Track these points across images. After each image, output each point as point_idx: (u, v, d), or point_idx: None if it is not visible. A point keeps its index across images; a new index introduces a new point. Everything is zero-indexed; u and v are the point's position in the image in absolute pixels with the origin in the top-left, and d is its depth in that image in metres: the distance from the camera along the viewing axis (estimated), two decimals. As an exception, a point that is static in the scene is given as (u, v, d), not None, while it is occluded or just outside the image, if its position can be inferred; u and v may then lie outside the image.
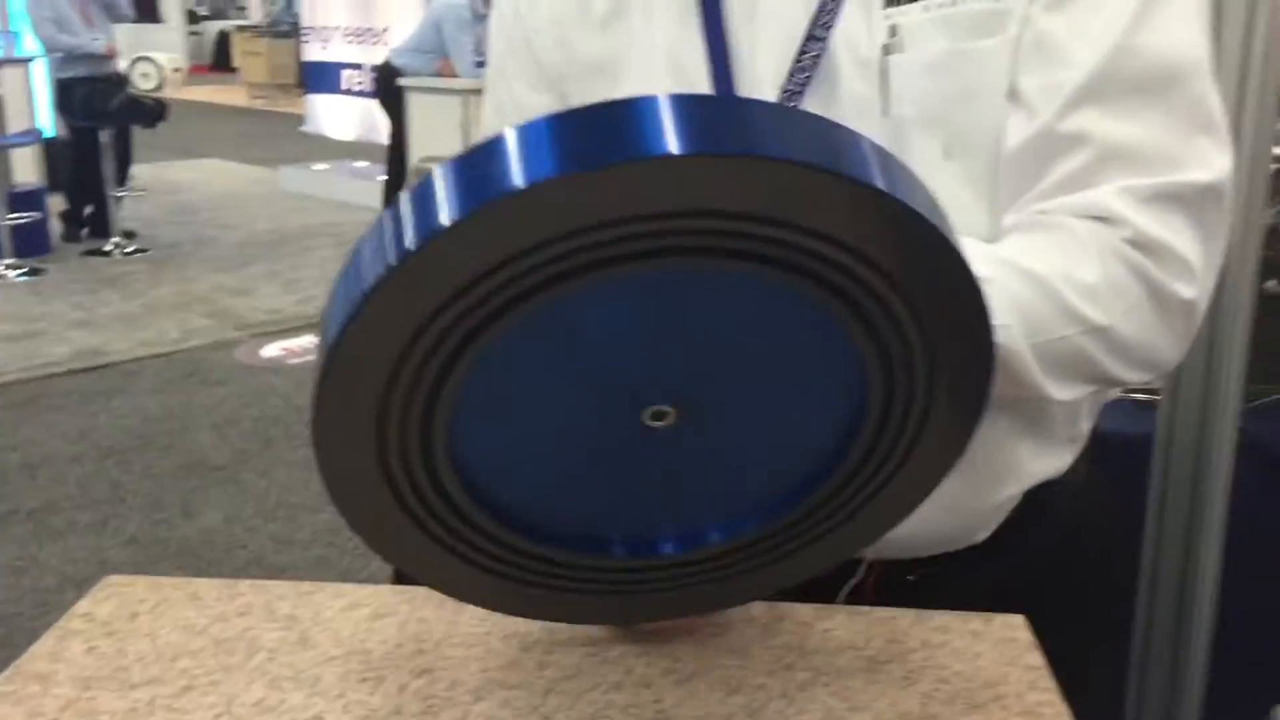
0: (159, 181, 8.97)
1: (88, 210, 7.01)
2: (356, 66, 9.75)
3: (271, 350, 5.08)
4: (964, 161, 0.80)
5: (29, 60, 7.44)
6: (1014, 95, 0.78)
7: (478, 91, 6.06)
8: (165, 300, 5.88)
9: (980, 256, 0.73)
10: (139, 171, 7.76)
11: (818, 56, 0.80)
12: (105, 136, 6.67)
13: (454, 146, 6.01)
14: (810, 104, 0.81)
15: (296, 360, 4.92)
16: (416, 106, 6.35)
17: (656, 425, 0.60)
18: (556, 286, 0.53)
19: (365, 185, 7.98)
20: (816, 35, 0.81)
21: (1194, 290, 0.76)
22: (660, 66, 0.87)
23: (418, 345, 0.55)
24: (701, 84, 0.85)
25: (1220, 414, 1.38)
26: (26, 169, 6.99)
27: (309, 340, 5.18)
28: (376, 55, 7.70)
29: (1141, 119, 0.75)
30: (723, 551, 0.68)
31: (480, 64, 6.12)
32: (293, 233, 7.47)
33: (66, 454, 3.93)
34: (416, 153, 6.31)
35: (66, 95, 6.76)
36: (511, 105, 0.97)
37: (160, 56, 7.59)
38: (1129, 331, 0.75)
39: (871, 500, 0.66)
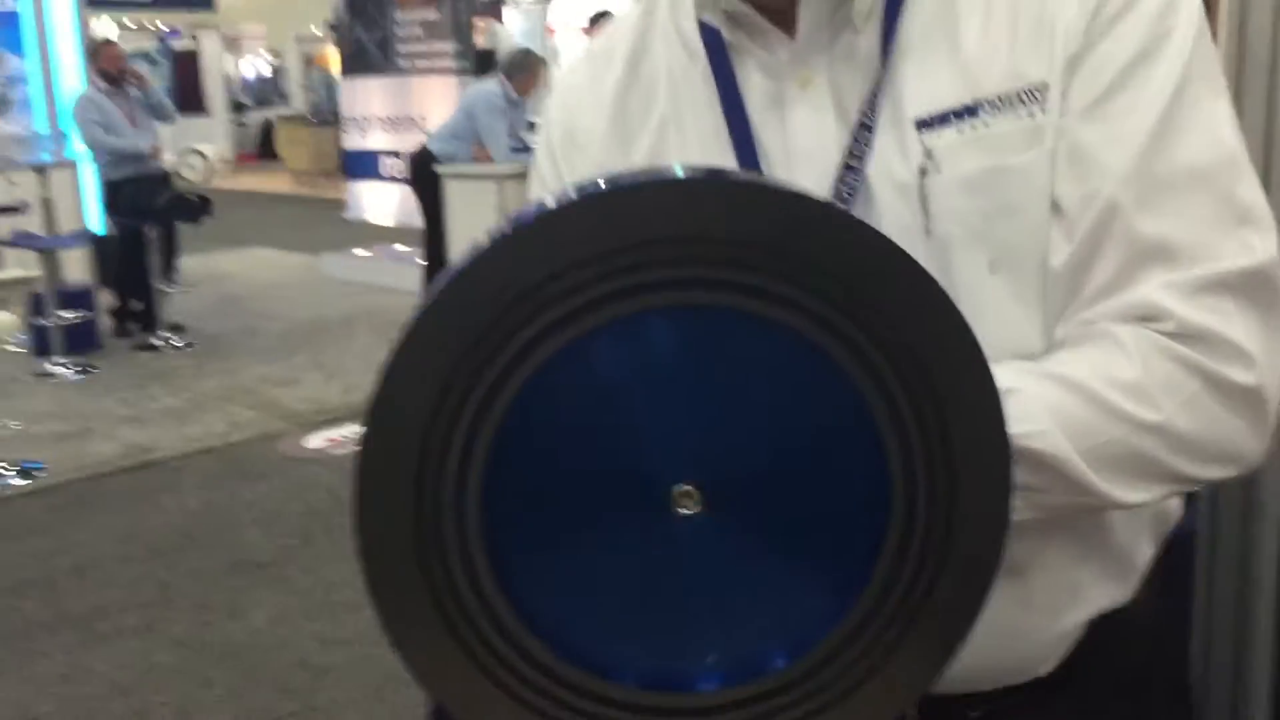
0: (205, 272, 9.14)
1: (136, 306, 7.15)
2: (394, 154, 9.94)
3: (315, 441, 5.11)
4: (1010, 275, 0.79)
5: (75, 161, 7.65)
6: (1055, 207, 0.78)
7: (513, 176, 6.16)
8: (211, 393, 5.96)
9: (1010, 371, 0.74)
10: (187, 264, 7.93)
11: (855, 186, 0.81)
12: (153, 233, 6.81)
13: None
14: None
15: (340, 451, 4.95)
16: (454, 193, 6.45)
17: (684, 511, 0.61)
18: (578, 320, 0.59)
19: (406, 269, 8.07)
20: (852, 166, 0.81)
21: (1253, 375, 0.74)
22: None
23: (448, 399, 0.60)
24: None
25: (1265, 503, 1.34)
26: (77, 268, 7.15)
27: (352, 430, 5.22)
28: (413, 142, 7.84)
29: (1175, 216, 0.75)
30: (757, 694, 0.66)
31: (516, 149, 6.22)
32: (335, 320, 7.57)
33: (114, 555, 3.96)
34: (455, 237, 6.39)
35: (114, 194, 6.94)
36: None
37: (207, 148, 7.80)
38: (1190, 426, 0.74)
39: (904, 638, 0.64)
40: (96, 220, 7.64)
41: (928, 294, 0.62)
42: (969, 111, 0.80)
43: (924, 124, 0.81)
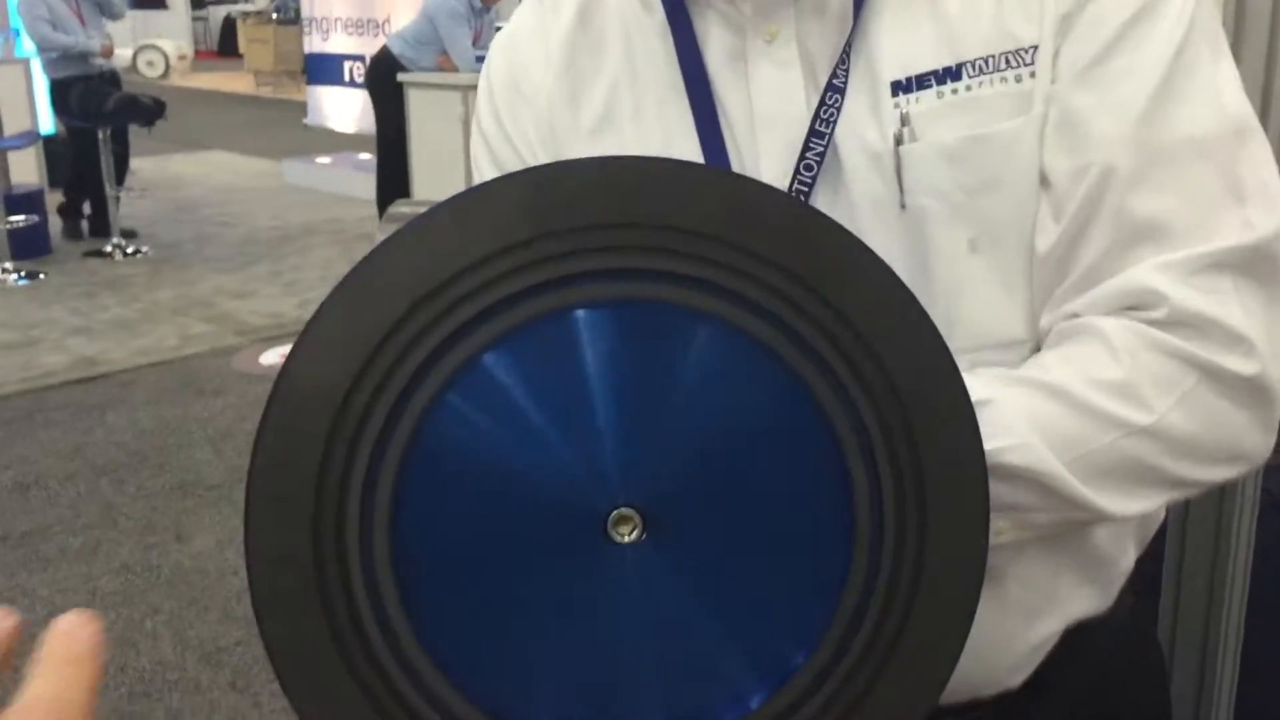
0: (161, 176, 8.91)
1: (87, 210, 6.94)
2: (358, 58, 9.65)
3: (271, 357, 5.01)
4: (993, 255, 0.72)
5: (27, 60, 7.36)
6: (1044, 180, 0.71)
7: (477, 87, 6.00)
8: (164, 304, 5.82)
9: (984, 379, 0.67)
10: (140, 166, 7.70)
11: (822, 154, 0.74)
12: (102, 135, 6.59)
13: (455, 142, 5.91)
14: (819, 202, 0.74)
15: (295, 368, 4.85)
16: (417, 103, 6.25)
17: (622, 538, 0.54)
18: (493, 319, 0.53)
19: (368, 178, 7.88)
20: (819, 131, 0.74)
21: (1254, 364, 0.67)
22: None
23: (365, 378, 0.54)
24: None
25: (1238, 494, 1.29)
26: (25, 170, 6.92)
27: (308, 346, 5.11)
28: (377, 46, 7.59)
29: (1172, 191, 0.68)
30: None
31: (480, 58, 6.01)
32: (295, 230, 7.39)
33: (59, 472, 3.87)
34: (417, 150, 6.21)
35: (61, 95, 6.68)
36: None
37: (166, 44, 7.51)
38: (1188, 426, 0.67)
39: (874, 687, 0.57)
40: (47, 120, 7.39)
41: (891, 293, 0.56)
42: (950, 74, 0.72)
43: (900, 86, 0.73)
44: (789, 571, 0.56)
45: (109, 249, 6.71)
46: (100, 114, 6.51)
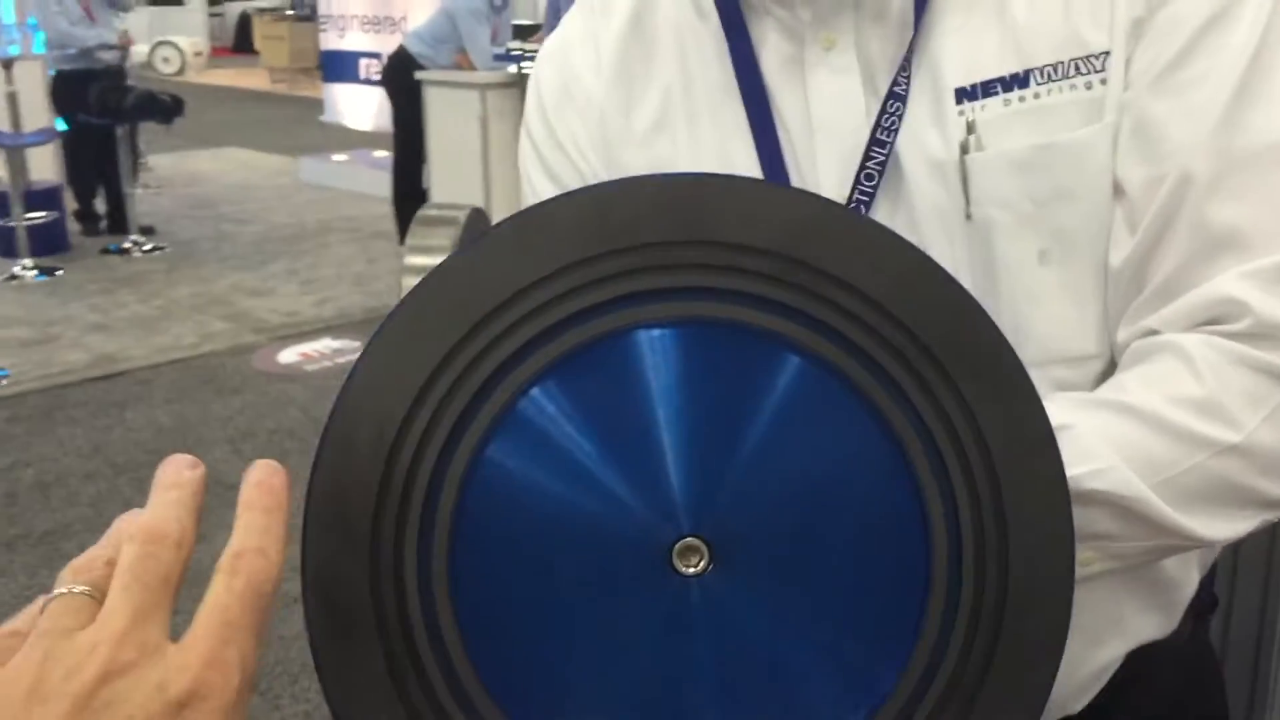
0: (177, 173, 8.92)
1: (102, 208, 6.95)
2: (374, 56, 9.64)
3: (289, 355, 5.01)
4: (1063, 267, 0.71)
5: (43, 56, 7.36)
6: (1117, 191, 0.69)
7: (496, 85, 5.97)
8: (182, 302, 5.82)
9: (1062, 404, 0.65)
10: (157, 163, 7.71)
11: (883, 163, 0.72)
12: (120, 132, 6.59)
13: (473, 141, 5.90)
14: (879, 212, 0.73)
15: (314, 366, 4.85)
16: (434, 101, 6.24)
17: (688, 570, 0.52)
18: (573, 330, 0.52)
19: (384, 176, 7.87)
20: (880, 140, 0.72)
21: None
22: None
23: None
24: None
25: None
26: (44, 166, 6.92)
27: (327, 344, 5.11)
28: (394, 44, 7.58)
29: (1252, 200, 0.66)
30: None
31: (499, 57, 6.01)
32: (311, 228, 7.39)
33: (79, 470, 3.87)
34: (435, 148, 6.20)
35: (71, 91, 6.66)
36: None
37: (181, 40, 7.49)
38: (1278, 441, 0.64)
39: None
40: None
41: (967, 315, 0.54)
42: (1018, 80, 0.70)
43: (965, 94, 0.71)
44: (863, 604, 0.54)
45: (127, 245, 6.72)
46: (120, 111, 6.52)
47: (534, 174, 0.87)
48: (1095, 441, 0.63)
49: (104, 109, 6.51)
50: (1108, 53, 0.69)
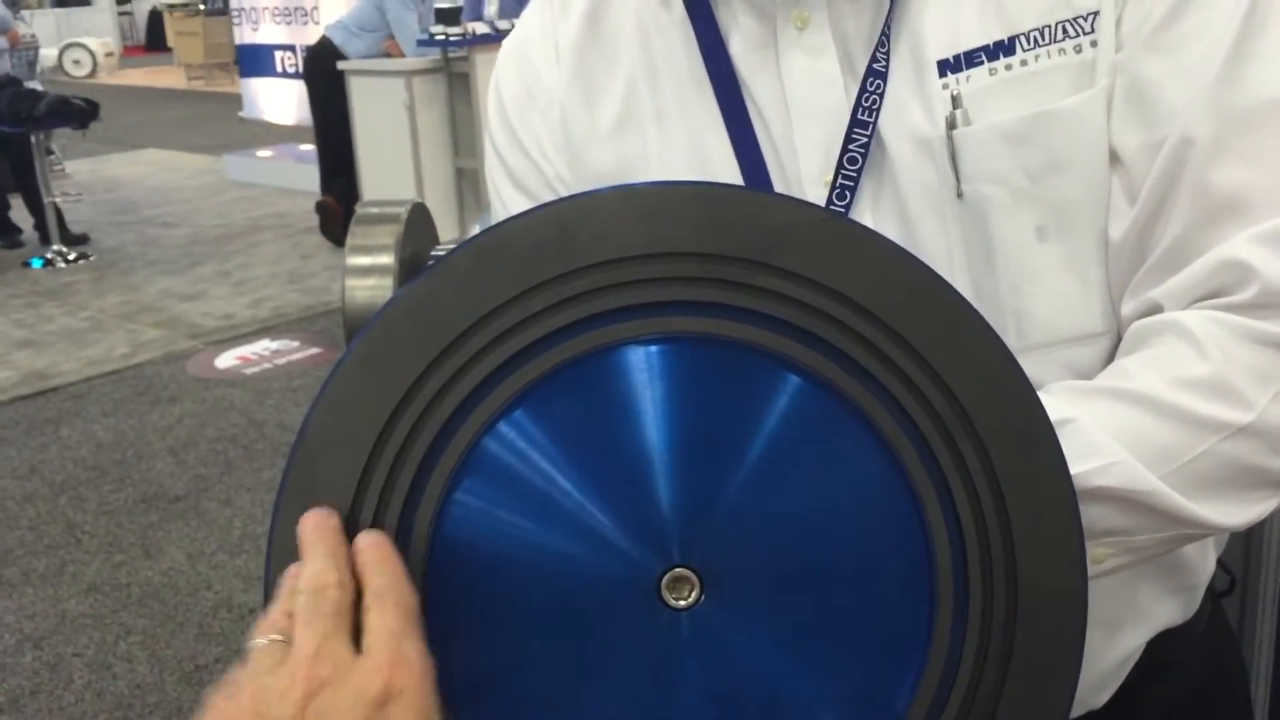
0: (97, 179, 8.68)
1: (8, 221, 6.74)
2: (289, 48, 9.43)
3: (226, 360, 4.89)
4: (1063, 242, 0.67)
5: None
6: (1114, 159, 0.66)
7: (422, 72, 5.85)
8: (111, 311, 5.67)
9: (1061, 396, 0.62)
10: (74, 170, 7.47)
11: (867, 145, 0.68)
12: (35, 140, 6.39)
13: (400, 130, 5.80)
14: (866, 197, 0.70)
15: (253, 370, 4.74)
16: (359, 91, 6.11)
17: (680, 602, 0.50)
18: (541, 355, 0.50)
19: (311, 170, 7.73)
20: (862, 120, 0.68)
21: None
22: (684, 173, 0.75)
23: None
24: None
25: None
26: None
27: (265, 346, 5.00)
28: (308, 35, 7.39)
29: (1253, 160, 0.63)
30: None
31: (423, 43, 5.90)
32: (240, 227, 7.23)
33: (16, 493, 3.75)
34: (361, 139, 6.09)
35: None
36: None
37: (91, 41, 7.27)
38: None
39: None
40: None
41: (945, 307, 0.51)
42: (1002, 48, 0.67)
43: (948, 66, 0.68)
44: (868, 623, 0.52)
45: (49, 256, 6.53)
46: (32, 118, 6.31)
47: (500, 183, 0.83)
48: (1100, 435, 0.60)
49: (15, 118, 6.30)
50: (1096, 12, 0.66)
